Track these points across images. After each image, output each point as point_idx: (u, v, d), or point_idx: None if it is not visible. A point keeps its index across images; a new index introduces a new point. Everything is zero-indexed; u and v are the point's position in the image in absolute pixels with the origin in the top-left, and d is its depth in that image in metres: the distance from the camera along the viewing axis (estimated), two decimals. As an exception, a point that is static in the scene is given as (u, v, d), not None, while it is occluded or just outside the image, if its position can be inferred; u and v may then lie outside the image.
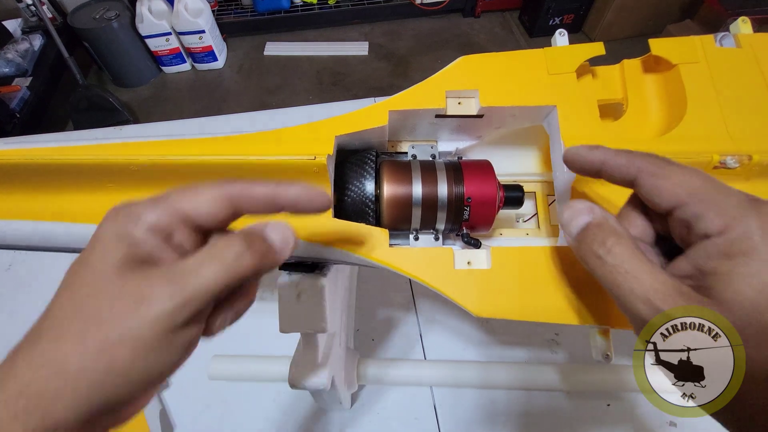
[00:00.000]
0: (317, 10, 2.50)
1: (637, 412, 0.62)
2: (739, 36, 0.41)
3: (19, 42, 2.09)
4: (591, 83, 0.44)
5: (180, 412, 0.65)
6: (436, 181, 0.42)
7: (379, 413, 0.64)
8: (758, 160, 0.36)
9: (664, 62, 0.42)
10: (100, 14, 2.09)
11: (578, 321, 0.36)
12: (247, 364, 0.65)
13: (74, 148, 0.38)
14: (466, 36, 2.55)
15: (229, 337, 0.75)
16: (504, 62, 0.43)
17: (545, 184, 0.52)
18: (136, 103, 2.28)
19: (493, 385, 0.65)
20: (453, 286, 0.38)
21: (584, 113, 0.41)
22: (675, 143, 0.38)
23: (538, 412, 0.63)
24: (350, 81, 2.34)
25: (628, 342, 0.42)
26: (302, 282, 0.43)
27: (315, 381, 0.44)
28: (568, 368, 0.63)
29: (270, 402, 0.65)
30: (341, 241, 0.39)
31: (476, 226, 0.43)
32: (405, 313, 0.74)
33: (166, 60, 2.33)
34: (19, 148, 0.38)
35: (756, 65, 0.40)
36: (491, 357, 0.68)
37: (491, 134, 0.49)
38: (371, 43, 2.50)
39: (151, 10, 2.13)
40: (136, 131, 1.23)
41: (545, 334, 0.70)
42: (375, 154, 0.45)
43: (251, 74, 2.40)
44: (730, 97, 0.39)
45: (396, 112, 0.42)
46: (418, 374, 0.65)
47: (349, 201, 0.43)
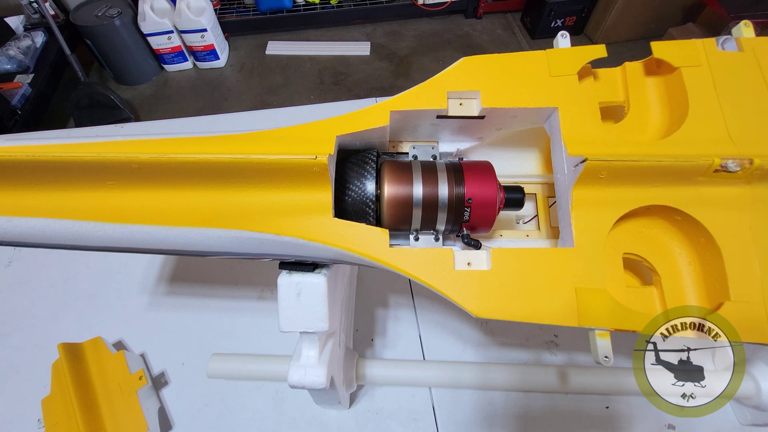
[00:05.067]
0: (319, 10, 2.50)
1: (636, 414, 0.62)
2: (742, 40, 0.41)
3: (21, 39, 2.09)
4: (592, 85, 0.44)
5: (178, 410, 0.65)
6: (437, 182, 0.42)
7: (378, 413, 0.64)
8: (759, 164, 0.36)
9: (666, 65, 0.42)
10: (102, 12, 2.09)
11: (578, 323, 0.36)
12: (246, 363, 0.65)
13: (75, 146, 0.38)
14: (467, 37, 2.55)
15: (228, 335, 0.75)
16: (506, 64, 0.43)
17: (546, 186, 0.52)
18: (137, 100, 2.29)
19: (491, 387, 0.65)
20: (453, 286, 0.38)
21: (586, 115, 0.41)
22: (676, 146, 0.38)
23: (537, 413, 0.63)
24: (352, 81, 2.34)
25: (627, 344, 0.42)
26: (302, 281, 0.43)
27: (314, 380, 0.44)
28: (567, 370, 0.63)
29: (269, 401, 0.65)
30: (341, 241, 0.39)
31: (477, 227, 0.43)
32: (404, 313, 0.74)
33: (168, 58, 2.33)
34: (20, 145, 0.38)
35: (758, 69, 0.40)
36: (490, 358, 0.68)
37: (492, 135, 0.49)
38: (373, 43, 2.51)
39: (154, 8, 2.14)
40: (137, 129, 1.23)
41: (544, 335, 0.70)
42: (376, 154, 0.45)
43: (253, 73, 2.40)
44: (732, 100, 0.39)
45: (397, 112, 0.42)
46: (417, 375, 0.65)
47: (349, 201, 0.43)
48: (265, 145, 0.39)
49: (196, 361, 0.67)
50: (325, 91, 2.29)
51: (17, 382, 0.68)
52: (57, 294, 0.77)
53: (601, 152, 0.37)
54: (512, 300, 0.37)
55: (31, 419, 0.63)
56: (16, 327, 0.73)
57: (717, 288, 0.38)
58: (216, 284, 0.77)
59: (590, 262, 0.38)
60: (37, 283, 0.79)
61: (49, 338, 0.69)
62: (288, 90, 2.31)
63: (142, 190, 0.40)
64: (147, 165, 0.38)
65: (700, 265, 0.41)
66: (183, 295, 0.77)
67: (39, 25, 2.21)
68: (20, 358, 0.70)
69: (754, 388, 0.56)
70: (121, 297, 0.76)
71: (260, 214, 0.40)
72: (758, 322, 0.36)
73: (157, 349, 0.70)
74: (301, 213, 0.39)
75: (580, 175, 0.38)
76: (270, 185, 0.39)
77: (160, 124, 1.18)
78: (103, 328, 0.70)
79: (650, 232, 0.43)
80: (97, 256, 0.79)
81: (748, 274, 0.37)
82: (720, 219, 0.38)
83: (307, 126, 0.41)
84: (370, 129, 0.41)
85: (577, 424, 0.62)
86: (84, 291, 0.77)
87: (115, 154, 0.37)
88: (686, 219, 0.39)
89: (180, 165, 0.38)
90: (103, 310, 0.75)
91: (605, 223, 0.39)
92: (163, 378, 0.67)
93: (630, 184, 0.39)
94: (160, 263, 0.80)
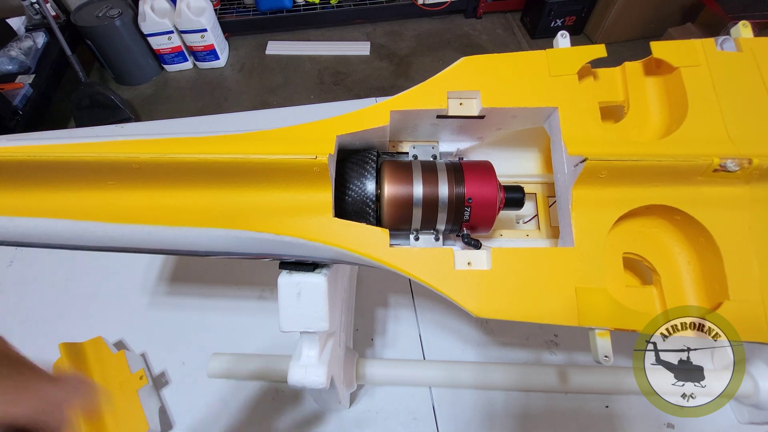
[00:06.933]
0: (319, 10, 2.50)
1: (635, 413, 0.62)
2: (740, 40, 0.42)
3: (22, 39, 2.10)
4: (592, 85, 0.44)
5: (179, 410, 0.65)
6: (437, 182, 0.42)
7: (378, 413, 0.64)
8: (758, 163, 0.36)
9: (666, 65, 0.42)
10: (102, 12, 2.09)
11: (578, 322, 0.37)
12: (246, 362, 0.65)
13: (76, 146, 0.38)
14: (467, 37, 2.55)
15: (229, 335, 0.75)
16: (505, 63, 0.43)
17: (546, 186, 0.52)
18: (137, 100, 2.29)
19: (491, 386, 0.65)
20: (453, 286, 0.38)
21: (585, 115, 0.41)
22: (675, 146, 0.38)
23: (537, 413, 0.63)
24: (352, 81, 2.34)
25: (627, 343, 0.42)
26: (302, 281, 0.43)
27: (314, 380, 0.44)
28: (566, 370, 0.63)
29: (269, 401, 0.65)
30: (341, 241, 0.39)
31: (477, 226, 0.43)
32: (404, 313, 0.74)
33: (168, 58, 2.33)
34: (22, 146, 0.38)
35: (756, 69, 0.40)
36: (490, 358, 0.68)
37: (492, 135, 0.49)
38: (373, 43, 2.51)
39: (154, 9, 2.14)
40: (137, 129, 1.23)
41: (544, 335, 0.70)
42: (376, 153, 0.45)
43: (253, 73, 2.40)
44: (731, 100, 0.40)
45: (397, 112, 0.42)
46: (417, 374, 0.65)
47: (349, 200, 0.43)
48: (265, 145, 0.39)
49: (197, 360, 0.67)
50: (325, 91, 2.29)
51: (18, 382, 0.68)
52: (58, 294, 0.77)
53: (601, 152, 0.37)
54: (512, 300, 0.37)
55: (32, 419, 0.64)
56: (18, 327, 0.73)
57: (716, 287, 0.38)
58: (216, 284, 0.78)
59: (590, 261, 0.38)
60: (39, 283, 0.79)
61: (50, 338, 0.69)
62: (288, 90, 2.31)
63: (143, 189, 0.40)
64: (147, 165, 0.38)
65: (700, 264, 0.41)
66: (183, 295, 0.77)
67: (40, 26, 2.22)
68: (21, 357, 0.70)
69: (752, 386, 0.56)
70: (121, 297, 0.77)
71: (260, 214, 0.40)
72: (757, 321, 0.36)
73: (158, 349, 0.70)
74: (301, 213, 0.39)
75: (580, 175, 0.38)
76: (270, 185, 0.39)
77: (161, 124, 1.18)
78: (104, 327, 0.70)
79: (650, 231, 0.43)
80: (97, 257, 0.79)
81: (747, 273, 0.37)
82: (719, 218, 0.38)
83: (307, 126, 0.41)
84: (370, 129, 0.41)
85: (576, 424, 0.62)
86: (85, 291, 0.77)
87: (115, 154, 0.37)
88: (686, 218, 0.39)
89: (180, 165, 0.38)
90: (104, 310, 0.75)
91: (605, 223, 0.39)
92: (164, 377, 0.67)
93: (630, 184, 0.39)
94: (161, 263, 0.80)
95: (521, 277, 0.38)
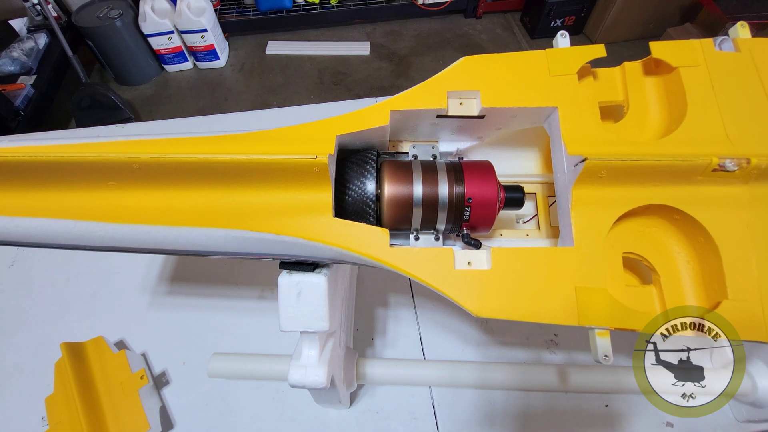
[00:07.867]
0: (319, 10, 2.51)
1: (635, 412, 0.62)
2: (738, 40, 0.42)
3: (24, 40, 2.10)
4: (592, 85, 0.44)
5: (179, 409, 0.65)
6: (437, 182, 0.42)
7: (378, 413, 0.64)
8: (756, 163, 0.37)
9: (665, 65, 0.42)
10: (103, 13, 2.10)
11: (578, 322, 0.37)
12: (247, 362, 0.65)
13: (77, 146, 0.38)
14: (467, 37, 2.55)
15: (229, 335, 0.75)
16: (505, 63, 0.43)
17: (546, 185, 0.52)
18: (138, 101, 2.29)
19: (491, 386, 0.65)
20: (453, 286, 0.38)
21: (585, 115, 0.41)
22: (674, 146, 0.39)
23: (537, 412, 0.63)
24: (352, 81, 2.34)
25: (627, 343, 0.42)
26: (303, 281, 0.43)
27: (314, 380, 0.44)
28: (566, 369, 0.63)
29: (269, 400, 0.65)
30: (341, 241, 0.39)
31: (477, 226, 0.43)
32: (405, 312, 0.74)
33: (169, 58, 2.34)
34: (23, 146, 0.38)
35: (754, 69, 0.40)
36: (490, 357, 0.68)
37: (492, 135, 0.49)
38: (373, 42, 2.51)
39: (154, 9, 2.14)
40: (138, 129, 1.23)
41: (544, 335, 0.70)
42: (376, 153, 0.45)
43: (253, 73, 2.40)
44: (729, 100, 0.40)
45: (397, 112, 0.42)
46: (417, 374, 0.65)
47: (349, 200, 0.43)
48: (264, 145, 0.39)
49: (197, 360, 0.68)
50: (325, 91, 2.29)
51: (21, 381, 0.68)
52: (59, 294, 0.77)
53: (601, 152, 0.37)
54: (512, 299, 0.37)
55: (35, 417, 0.64)
56: (20, 326, 0.73)
57: (715, 286, 0.38)
58: (216, 284, 0.78)
59: (590, 261, 0.38)
60: (40, 283, 0.79)
61: (51, 337, 0.69)
62: (288, 90, 2.31)
63: (143, 190, 0.40)
64: (148, 165, 0.38)
65: (699, 263, 0.41)
66: (184, 295, 0.77)
67: (42, 27, 2.22)
68: (24, 357, 0.70)
69: (750, 385, 0.56)
70: (122, 297, 0.77)
71: (260, 214, 0.40)
72: (755, 320, 0.36)
73: (158, 349, 0.70)
74: (301, 213, 0.39)
75: (579, 175, 0.38)
76: (270, 185, 0.39)
77: (161, 124, 1.18)
78: (105, 327, 0.71)
79: (649, 231, 0.43)
80: (98, 257, 0.79)
81: (746, 272, 0.37)
82: (718, 218, 0.38)
83: (307, 126, 0.41)
84: (370, 129, 0.42)
85: (576, 423, 0.62)
86: (85, 291, 0.78)
87: (116, 155, 0.37)
88: (685, 218, 0.40)
89: (180, 165, 0.38)
90: (105, 310, 0.75)
91: (605, 223, 0.39)
92: (164, 377, 0.67)
93: (629, 184, 0.39)
94: (161, 263, 0.80)
95: (521, 276, 0.38)
